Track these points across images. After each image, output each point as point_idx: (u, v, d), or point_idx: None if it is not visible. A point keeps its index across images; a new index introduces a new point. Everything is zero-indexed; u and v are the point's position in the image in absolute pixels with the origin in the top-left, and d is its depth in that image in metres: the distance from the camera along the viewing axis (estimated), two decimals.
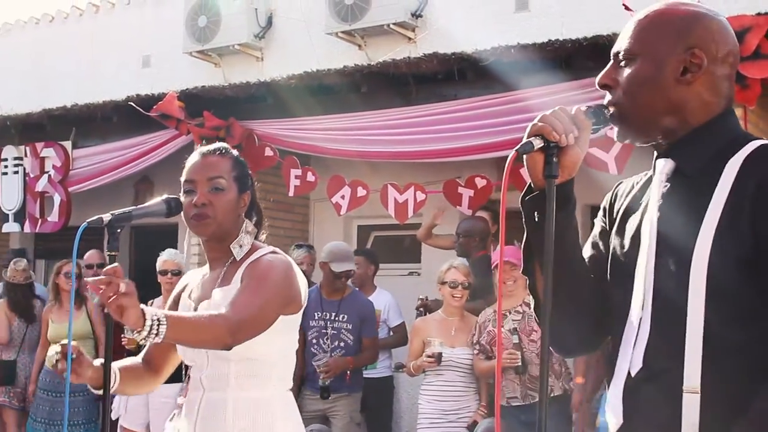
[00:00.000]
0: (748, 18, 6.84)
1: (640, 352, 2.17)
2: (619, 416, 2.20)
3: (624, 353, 2.21)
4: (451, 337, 7.01)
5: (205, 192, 3.32)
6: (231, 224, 3.37)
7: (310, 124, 9.29)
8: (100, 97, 10.62)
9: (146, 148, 10.30)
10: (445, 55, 8.37)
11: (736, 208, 2.05)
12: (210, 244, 3.42)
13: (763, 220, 2.02)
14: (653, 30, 2.27)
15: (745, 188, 2.05)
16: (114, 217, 2.98)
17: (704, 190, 2.11)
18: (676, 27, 2.23)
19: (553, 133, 2.11)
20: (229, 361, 3.25)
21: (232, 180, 3.38)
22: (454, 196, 8.43)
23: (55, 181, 11.04)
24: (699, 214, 2.09)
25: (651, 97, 2.20)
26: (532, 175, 2.19)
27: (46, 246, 12.80)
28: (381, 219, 9.94)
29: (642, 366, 2.15)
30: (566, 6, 8.99)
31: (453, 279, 7.04)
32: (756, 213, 2.03)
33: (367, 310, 7.75)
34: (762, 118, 7.49)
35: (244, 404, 3.25)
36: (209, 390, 3.28)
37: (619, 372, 2.22)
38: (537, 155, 2.14)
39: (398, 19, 9.68)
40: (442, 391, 6.95)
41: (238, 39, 10.81)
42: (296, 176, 9.30)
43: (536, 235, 2.20)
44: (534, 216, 2.22)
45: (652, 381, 2.13)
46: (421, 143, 8.63)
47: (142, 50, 11.99)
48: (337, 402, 7.49)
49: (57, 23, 13.12)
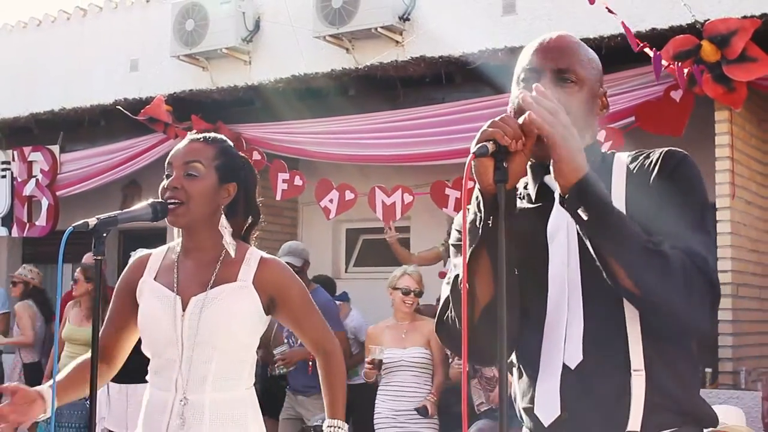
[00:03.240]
0: (734, 21, 6.87)
1: (577, 346, 2.27)
2: (556, 408, 2.28)
3: (552, 351, 2.31)
4: (402, 339, 7.11)
5: (179, 176, 3.24)
6: (205, 213, 3.26)
7: (297, 127, 9.30)
8: (88, 101, 10.62)
9: (134, 152, 10.30)
10: (433, 58, 8.39)
11: (636, 190, 2.30)
12: (188, 231, 3.32)
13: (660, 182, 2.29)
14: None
15: (641, 173, 2.32)
16: (100, 221, 2.96)
17: None
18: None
19: (504, 137, 2.14)
20: (211, 362, 3.19)
21: (212, 168, 3.27)
22: (441, 197, 8.44)
23: (42, 185, 11.03)
24: None
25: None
26: (482, 181, 2.22)
27: (34, 250, 12.77)
28: (369, 222, 9.94)
29: (582, 358, 2.26)
30: (553, 9, 9.01)
31: (405, 286, 7.15)
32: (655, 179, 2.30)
33: (327, 307, 7.79)
34: (748, 120, 7.51)
35: (220, 407, 3.19)
36: (188, 392, 3.18)
37: (548, 369, 2.31)
38: (487, 161, 2.18)
39: (386, 22, 9.69)
40: (396, 392, 7.02)
41: (226, 43, 10.80)
42: (284, 180, 9.30)
43: (489, 240, 2.24)
44: (488, 222, 2.25)
45: (594, 369, 2.25)
46: (408, 146, 8.65)
47: (130, 54, 11.98)
48: (315, 402, 7.48)
49: (45, 27, 13.09)
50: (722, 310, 7.12)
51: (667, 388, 2.25)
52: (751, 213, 7.53)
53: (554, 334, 2.32)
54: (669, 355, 2.27)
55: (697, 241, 2.21)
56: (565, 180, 2.18)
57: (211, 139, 3.37)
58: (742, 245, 7.33)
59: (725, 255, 7.13)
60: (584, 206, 2.16)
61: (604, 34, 7.46)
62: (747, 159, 7.51)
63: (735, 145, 7.24)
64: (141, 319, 3.32)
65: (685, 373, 2.31)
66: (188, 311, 3.21)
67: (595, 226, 2.17)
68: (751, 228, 7.51)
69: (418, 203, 8.76)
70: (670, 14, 7.59)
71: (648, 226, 2.19)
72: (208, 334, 3.17)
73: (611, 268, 2.18)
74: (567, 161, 2.16)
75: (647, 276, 2.14)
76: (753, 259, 7.51)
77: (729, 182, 7.15)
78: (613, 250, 2.17)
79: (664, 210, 2.24)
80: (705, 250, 2.20)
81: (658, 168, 2.32)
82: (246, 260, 3.29)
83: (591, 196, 2.16)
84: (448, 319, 2.44)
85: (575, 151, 2.17)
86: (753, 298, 7.45)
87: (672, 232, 2.19)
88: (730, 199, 7.14)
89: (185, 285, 3.28)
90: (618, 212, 2.17)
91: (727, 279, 7.11)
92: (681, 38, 6.96)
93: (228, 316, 3.20)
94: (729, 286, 7.09)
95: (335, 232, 10.91)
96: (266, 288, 3.28)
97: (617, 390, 2.23)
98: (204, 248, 3.32)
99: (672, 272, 2.12)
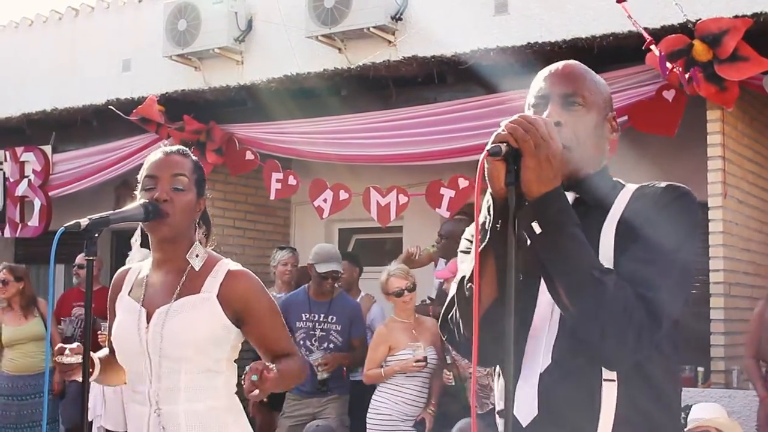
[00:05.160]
0: (725, 20, 6.88)
1: (548, 352, 2.34)
2: (533, 409, 2.33)
3: (534, 354, 2.37)
4: (414, 336, 7.06)
5: (166, 188, 3.23)
6: (185, 227, 3.29)
7: (290, 127, 9.29)
8: (80, 101, 10.59)
9: (126, 152, 10.28)
10: (425, 58, 8.38)
11: (625, 224, 2.34)
12: (162, 244, 3.32)
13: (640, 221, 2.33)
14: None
15: (637, 210, 2.36)
16: (91, 222, 2.96)
17: (599, 215, 2.38)
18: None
19: (517, 141, 2.20)
20: (179, 373, 3.18)
21: (192, 182, 3.30)
22: (435, 197, 8.43)
23: (35, 185, 11.00)
24: (597, 231, 2.34)
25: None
26: (493, 184, 2.26)
27: (26, 250, 12.75)
28: (362, 222, 9.95)
29: (551, 362, 2.33)
30: (546, 9, 9.01)
31: (397, 287, 7.04)
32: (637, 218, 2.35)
33: (355, 311, 7.80)
34: (740, 119, 7.52)
35: (195, 417, 3.18)
36: (161, 403, 3.18)
37: (528, 371, 2.36)
38: (499, 164, 2.22)
39: (378, 22, 9.69)
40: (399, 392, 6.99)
41: (218, 43, 10.80)
42: (277, 180, 9.29)
43: (496, 243, 2.30)
44: (497, 225, 2.30)
45: (568, 374, 2.30)
46: (401, 146, 8.64)
47: (122, 54, 11.96)
48: (328, 404, 7.51)
49: (36, 27, 13.06)
50: (714, 309, 7.13)
51: (639, 400, 2.29)
52: (743, 212, 7.54)
53: (537, 341, 2.37)
54: (645, 369, 2.30)
55: (660, 271, 2.24)
56: (529, 191, 2.22)
57: (185, 152, 3.39)
58: (734, 244, 7.34)
59: (717, 254, 7.14)
60: (540, 221, 2.20)
61: (596, 34, 7.47)
62: (739, 158, 7.52)
63: (727, 144, 7.25)
64: (113, 333, 3.36)
65: (663, 388, 2.35)
66: (152, 323, 3.22)
67: (545, 243, 2.22)
68: (743, 227, 7.53)
69: (411, 203, 8.75)
70: (662, 14, 7.60)
71: (631, 249, 2.26)
72: (171, 346, 3.17)
73: (554, 284, 2.25)
74: (533, 171, 2.20)
75: (583, 302, 2.20)
76: (745, 258, 7.52)
77: (721, 181, 7.16)
78: (557, 268, 2.23)
79: (645, 236, 2.28)
80: (665, 281, 2.23)
81: (657, 198, 2.37)
82: (213, 272, 3.29)
83: (550, 212, 2.21)
84: (452, 319, 2.50)
85: (545, 163, 2.20)
86: (745, 297, 7.46)
87: (642, 259, 2.25)
88: (722, 199, 7.15)
89: (152, 298, 3.30)
90: (574, 235, 2.22)
91: (719, 278, 7.12)
92: (673, 38, 6.97)
93: (188, 328, 3.19)
94: (721, 285, 7.11)
95: (328, 232, 10.90)
96: (231, 301, 3.25)
97: (588, 396, 2.28)
98: (174, 260, 3.32)
99: (607, 305, 2.16)
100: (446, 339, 2.57)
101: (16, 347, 8.81)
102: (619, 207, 2.38)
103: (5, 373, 8.82)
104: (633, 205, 2.37)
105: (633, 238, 2.29)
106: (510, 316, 2.13)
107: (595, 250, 2.29)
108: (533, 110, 2.47)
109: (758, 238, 7.75)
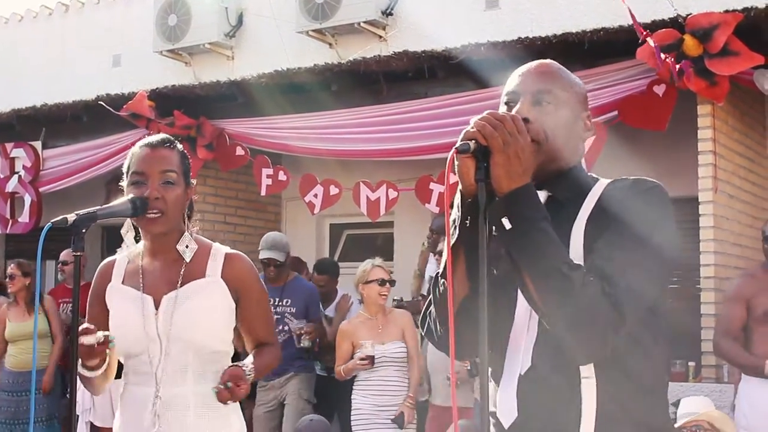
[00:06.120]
0: (716, 15, 6.88)
1: (528, 354, 2.35)
2: (513, 411, 2.35)
3: (514, 356, 2.39)
4: (379, 334, 7.06)
5: (157, 185, 3.25)
6: (177, 219, 3.34)
7: (281, 122, 9.29)
8: (70, 96, 10.57)
9: (117, 147, 10.26)
10: (416, 53, 8.38)
11: (594, 220, 2.35)
12: (154, 237, 3.35)
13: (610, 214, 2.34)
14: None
15: (606, 206, 2.36)
16: (78, 217, 2.96)
17: (570, 212, 2.39)
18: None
19: (484, 138, 2.22)
20: (188, 357, 3.25)
21: (181, 174, 3.33)
22: (425, 192, 8.43)
23: (25, 181, 10.98)
24: (569, 228, 2.35)
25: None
26: (464, 180, 2.29)
27: (17, 247, 12.70)
28: (353, 217, 9.94)
29: (531, 365, 2.34)
30: (536, 3, 9.00)
31: (380, 277, 7.09)
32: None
33: (311, 294, 8.10)
34: (730, 114, 7.53)
35: (204, 399, 3.23)
36: (169, 386, 3.22)
37: (509, 373, 2.39)
38: (469, 161, 2.25)
39: (369, 17, 9.67)
40: (378, 386, 6.99)
41: (209, 38, 10.76)
42: (268, 175, 9.29)
43: (465, 240, 2.33)
44: (466, 221, 2.34)
45: (548, 376, 2.31)
46: (392, 141, 8.64)
47: (112, 49, 11.91)
48: (287, 383, 7.83)
49: (26, 22, 13.02)
50: (705, 303, 7.14)
51: (620, 395, 2.29)
52: (733, 207, 7.54)
53: (517, 343, 2.39)
54: (624, 362, 2.29)
55: (623, 264, 2.23)
56: (499, 187, 2.23)
57: (171, 143, 3.40)
58: (725, 239, 7.35)
59: (708, 249, 7.15)
60: (509, 216, 2.22)
61: (587, 29, 7.47)
62: (730, 153, 7.52)
63: (717, 139, 7.26)
64: (112, 321, 3.36)
65: (644, 381, 2.34)
66: (161, 309, 3.27)
67: (515, 238, 2.23)
68: (734, 222, 7.53)
69: (403, 199, 8.76)
70: (653, 8, 7.60)
71: (597, 246, 2.27)
72: (183, 330, 3.23)
73: (523, 279, 2.25)
74: (502, 167, 2.22)
75: (550, 296, 2.20)
76: (736, 252, 7.53)
77: (712, 176, 7.17)
78: (526, 264, 2.23)
79: (611, 232, 2.29)
80: (630, 273, 2.22)
81: (624, 192, 2.38)
82: (212, 256, 3.38)
83: (519, 208, 2.22)
84: (430, 314, 2.55)
85: (514, 159, 2.22)
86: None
87: (606, 255, 2.25)
88: (713, 193, 7.16)
89: (154, 285, 3.34)
90: (543, 230, 2.22)
91: (710, 273, 7.13)
92: (663, 32, 6.97)
93: (202, 312, 3.27)
94: (712, 279, 7.11)
95: (319, 228, 10.90)
96: (232, 282, 3.36)
97: (568, 397, 2.28)
98: (169, 249, 3.37)
99: (573, 300, 2.17)
100: (425, 334, 2.60)
101: (19, 343, 8.83)
102: (590, 203, 2.39)
103: (7, 369, 8.85)
104: (602, 201, 2.38)
105: (600, 233, 2.30)
106: (483, 310, 2.14)
107: (567, 247, 2.30)
108: (506, 108, 2.49)
109: (749, 233, 7.75)
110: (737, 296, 6.38)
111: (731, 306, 6.41)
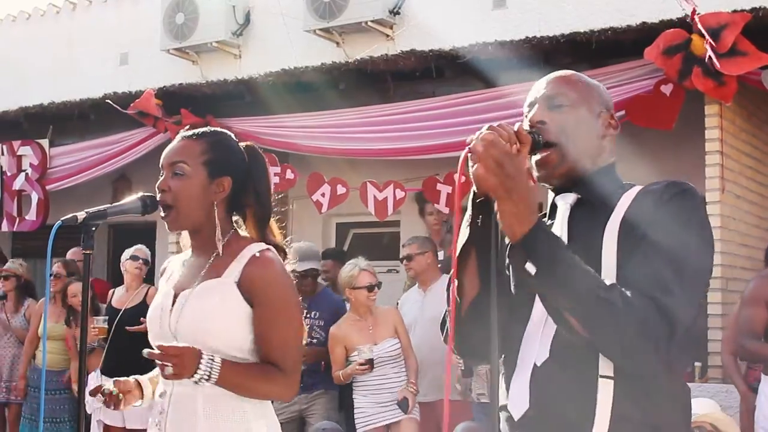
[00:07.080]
0: (724, 15, 6.87)
1: (546, 345, 2.33)
2: (525, 402, 2.34)
3: (529, 348, 2.38)
4: (371, 335, 7.02)
5: (167, 177, 3.17)
6: (200, 213, 3.18)
7: (288, 121, 9.29)
8: (78, 94, 10.58)
9: (124, 146, 10.29)
10: (423, 52, 8.38)
11: (628, 224, 2.32)
12: (189, 233, 3.28)
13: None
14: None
15: (639, 209, 2.34)
16: (88, 215, 2.95)
17: (602, 215, 2.37)
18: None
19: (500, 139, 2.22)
20: None
21: (199, 165, 3.17)
22: (433, 193, 8.43)
23: (32, 179, 11.00)
24: (601, 232, 2.34)
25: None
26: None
27: (24, 245, 12.74)
28: (359, 216, 9.93)
29: (548, 356, 2.32)
30: (544, 3, 8.99)
31: (369, 283, 7.02)
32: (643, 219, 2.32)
33: (338, 307, 7.73)
34: (738, 114, 7.52)
35: (215, 401, 3.09)
36: (180, 385, 3.10)
37: (523, 365, 2.38)
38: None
39: (376, 16, 9.66)
40: (378, 385, 6.97)
41: (216, 36, 10.76)
42: (275, 174, 9.28)
43: (477, 238, 2.35)
44: (477, 220, 2.36)
45: (565, 369, 2.30)
46: (399, 140, 8.64)
47: (120, 48, 11.92)
48: (315, 401, 7.47)
49: (34, 21, 13.03)
50: (712, 304, 7.13)
51: (639, 398, 2.26)
52: (740, 207, 7.54)
53: (533, 335, 2.38)
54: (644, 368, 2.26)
55: (673, 274, 2.21)
56: (511, 233, 2.23)
57: (200, 134, 3.26)
58: (731, 239, 7.34)
59: (715, 249, 7.12)
60: (531, 260, 2.21)
61: (594, 28, 7.47)
62: (737, 153, 7.51)
63: (725, 139, 7.25)
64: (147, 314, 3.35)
65: (662, 385, 2.31)
66: (175, 306, 3.17)
67: (542, 280, 2.22)
68: (740, 222, 7.52)
69: (409, 198, 8.76)
70: (661, 8, 7.59)
71: (638, 251, 2.24)
72: (186, 329, 3.11)
73: (562, 317, 2.25)
74: (510, 215, 2.21)
75: (593, 323, 2.19)
76: (743, 253, 7.52)
77: (719, 176, 7.16)
78: (562, 299, 2.23)
79: (650, 237, 2.26)
80: (679, 284, 2.21)
81: (658, 196, 2.35)
82: (240, 257, 3.16)
83: (538, 250, 2.21)
84: (447, 315, 2.53)
85: (520, 204, 2.21)
86: (742, 292, 7.45)
87: (652, 261, 2.22)
88: (720, 193, 7.15)
89: (182, 281, 3.25)
90: (568, 261, 2.21)
91: (716, 273, 7.11)
92: (671, 32, 6.96)
93: (200, 312, 3.12)
94: (719, 280, 7.10)
95: (325, 227, 10.90)
96: (245, 286, 3.12)
97: (583, 392, 2.26)
98: (206, 246, 3.23)
99: (620, 323, 2.15)
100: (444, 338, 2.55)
101: (50, 342, 8.84)
102: (623, 207, 2.37)
103: (38, 367, 8.89)
104: (636, 204, 2.36)
105: (637, 238, 2.27)
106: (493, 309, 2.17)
107: (598, 251, 2.30)
108: (527, 116, 2.53)
109: (756, 233, 7.75)
110: (756, 298, 6.35)
111: (752, 307, 6.38)
